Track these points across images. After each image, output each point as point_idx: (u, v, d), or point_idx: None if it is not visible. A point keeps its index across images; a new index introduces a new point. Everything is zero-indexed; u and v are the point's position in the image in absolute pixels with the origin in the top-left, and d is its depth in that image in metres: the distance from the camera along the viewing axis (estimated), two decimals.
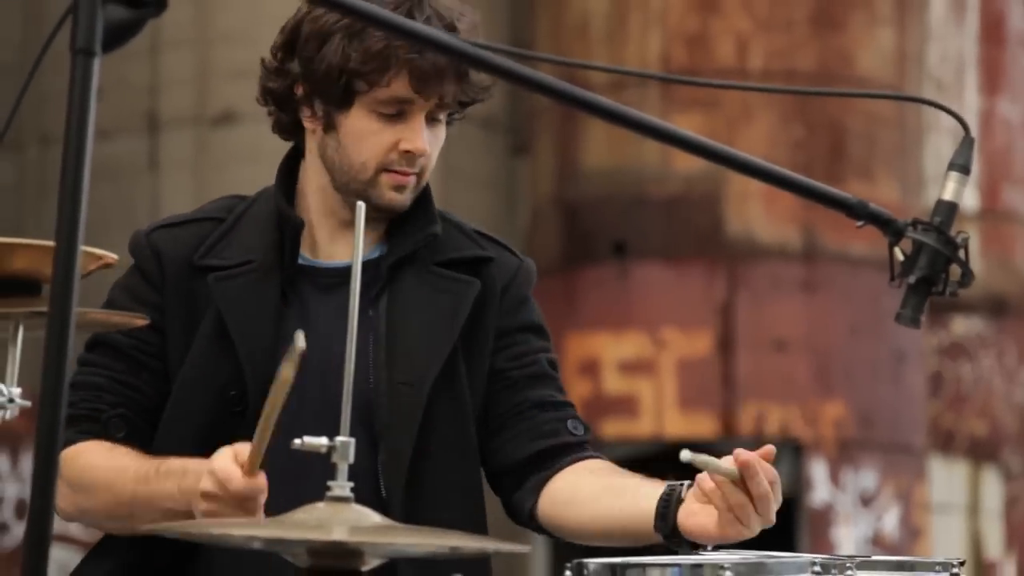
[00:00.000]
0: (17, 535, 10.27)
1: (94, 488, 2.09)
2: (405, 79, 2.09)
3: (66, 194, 1.21)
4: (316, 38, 2.11)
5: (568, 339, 9.13)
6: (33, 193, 10.92)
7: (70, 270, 1.20)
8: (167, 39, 10.31)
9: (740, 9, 9.19)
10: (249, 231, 2.19)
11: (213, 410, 2.11)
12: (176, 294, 2.16)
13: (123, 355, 2.16)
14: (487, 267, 2.25)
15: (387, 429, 2.13)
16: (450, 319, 2.19)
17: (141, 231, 2.22)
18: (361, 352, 2.13)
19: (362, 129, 2.12)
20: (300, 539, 1.46)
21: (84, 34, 1.22)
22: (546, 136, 9.75)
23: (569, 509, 2.20)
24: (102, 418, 2.14)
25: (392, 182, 2.15)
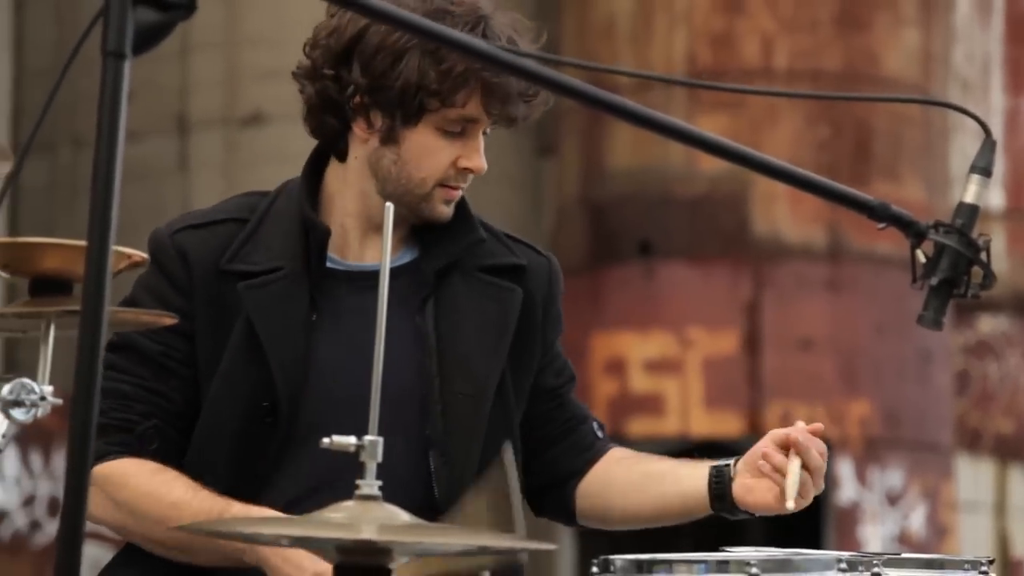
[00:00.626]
0: (50, 533, 10.31)
1: (147, 518, 2.07)
2: (478, 99, 2.12)
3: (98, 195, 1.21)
4: (389, 53, 2.10)
5: (594, 339, 9.12)
6: (65, 194, 10.97)
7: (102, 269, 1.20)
8: (196, 41, 10.34)
9: (765, 9, 9.16)
10: (274, 233, 2.18)
11: (245, 420, 2.11)
12: (205, 299, 2.15)
13: (150, 360, 2.15)
14: (523, 275, 2.27)
15: (443, 438, 2.14)
16: (501, 328, 2.22)
17: (163, 231, 2.20)
18: (411, 359, 2.15)
19: (426, 146, 2.14)
20: (329, 537, 1.46)
21: (114, 37, 1.22)
22: (572, 136, 9.75)
23: (610, 499, 2.29)
24: (136, 430, 2.13)
25: (445, 196, 2.18)
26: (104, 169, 1.22)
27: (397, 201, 2.17)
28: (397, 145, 2.16)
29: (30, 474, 10.30)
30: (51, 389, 1.75)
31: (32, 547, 10.36)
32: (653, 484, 2.25)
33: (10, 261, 1.81)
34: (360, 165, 2.19)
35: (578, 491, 2.31)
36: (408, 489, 2.10)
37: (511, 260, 2.27)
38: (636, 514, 2.28)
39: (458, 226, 2.23)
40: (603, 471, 2.30)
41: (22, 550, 10.36)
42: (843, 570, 1.74)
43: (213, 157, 10.76)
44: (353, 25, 2.14)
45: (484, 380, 2.18)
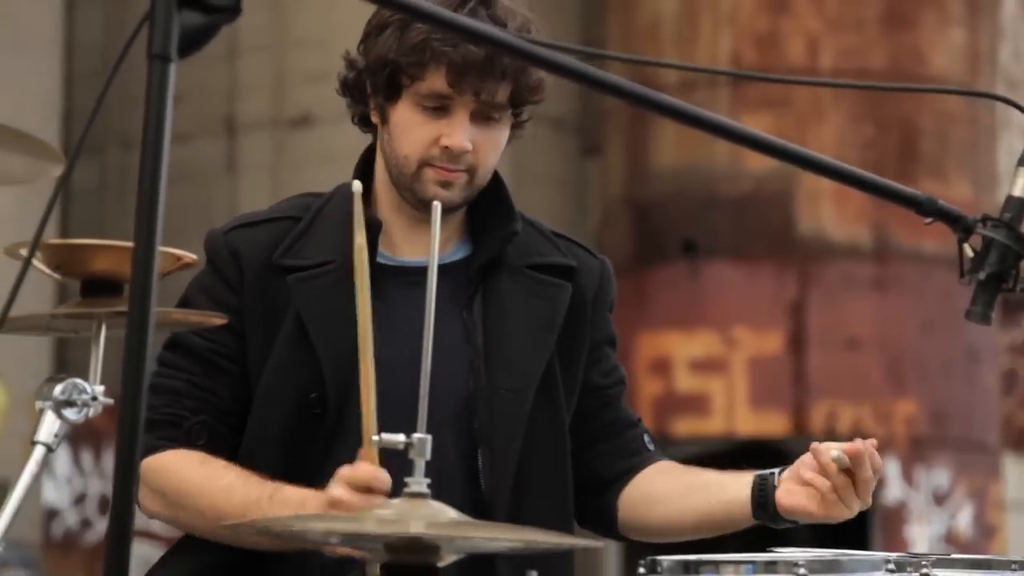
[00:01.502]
0: (101, 531, 10.38)
1: (195, 506, 2.08)
2: (442, 73, 2.09)
3: (144, 196, 1.21)
4: (375, 31, 2.13)
5: (639, 338, 9.10)
6: (114, 195, 11.04)
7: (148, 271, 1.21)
8: (245, 44, 10.39)
9: (811, 9, 9.12)
10: (327, 230, 2.19)
11: (294, 412, 2.11)
12: (255, 296, 2.15)
13: (200, 358, 2.16)
14: (573, 274, 2.26)
15: (489, 433, 2.14)
16: (547, 325, 2.21)
17: (218, 231, 2.21)
18: (458, 355, 2.15)
19: (407, 122, 2.13)
20: (377, 534, 1.46)
21: (160, 40, 1.23)
22: (616, 136, 9.73)
23: (652, 509, 2.26)
24: (184, 425, 2.14)
25: (437, 177, 2.14)
26: (150, 171, 1.22)
27: (396, 184, 2.17)
28: (388, 124, 2.17)
29: (81, 473, 10.37)
30: (102, 389, 1.76)
31: (83, 545, 10.44)
32: (696, 494, 2.22)
33: (62, 262, 1.82)
34: (380, 154, 2.21)
35: (620, 500, 2.28)
36: (456, 484, 2.10)
37: (560, 260, 2.26)
38: (678, 525, 2.25)
39: (497, 221, 2.22)
40: (646, 481, 2.28)
41: (73, 548, 10.44)
42: (891, 571, 1.72)
43: (261, 159, 10.81)
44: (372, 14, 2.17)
45: (528, 375, 2.17)
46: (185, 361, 2.16)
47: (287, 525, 1.78)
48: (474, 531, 1.54)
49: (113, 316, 1.80)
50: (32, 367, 8.96)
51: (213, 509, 2.08)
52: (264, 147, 10.86)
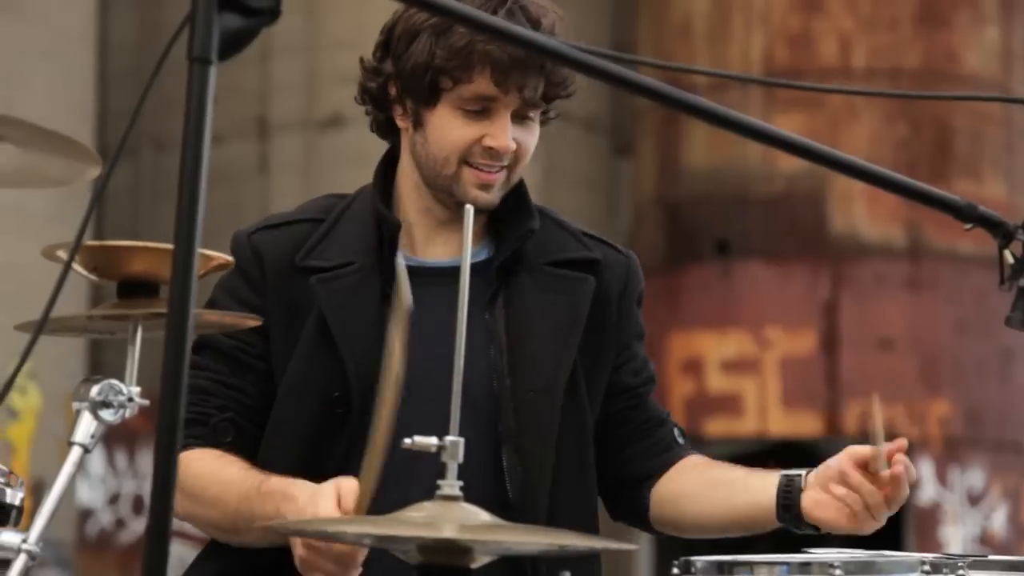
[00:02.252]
0: (134, 530, 10.43)
1: (202, 499, 2.09)
2: (487, 75, 2.09)
3: (184, 199, 1.22)
4: (406, 36, 2.12)
5: (672, 338, 9.09)
6: (148, 196, 11.10)
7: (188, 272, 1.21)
8: (277, 46, 10.42)
9: (843, 8, 9.09)
10: (349, 231, 2.19)
11: (317, 412, 2.11)
12: (278, 296, 2.16)
13: (227, 357, 2.16)
14: (597, 269, 2.25)
15: (515, 435, 2.14)
16: (571, 321, 2.20)
17: (243, 232, 2.22)
18: (481, 356, 2.15)
19: (447, 125, 2.12)
20: (410, 536, 1.47)
21: (200, 42, 1.23)
22: (648, 137, 9.72)
23: (682, 506, 2.26)
24: (211, 422, 2.15)
25: (476, 179, 2.14)
26: (190, 173, 1.23)
27: (435, 187, 2.17)
28: (424, 128, 2.15)
29: (115, 473, 10.43)
30: (138, 390, 1.77)
31: (117, 545, 10.49)
32: (723, 492, 2.20)
33: (98, 264, 1.83)
34: (408, 157, 2.20)
35: (652, 495, 2.27)
36: (481, 486, 2.08)
37: (583, 254, 2.25)
38: (706, 522, 2.24)
39: (516, 220, 2.22)
40: (678, 477, 2.26)
41: (107, 548, 10.49)
42: (927, 572, 1.71)
43: (293, 160, 10.85)
44: (392, 18, 2.17)
45: (555, 375, 2.16)
46: (212, 361, 2.18)
47: (321, 528, 1.78)
48: (507, 534, 1.54)
49: (149, 317, 1.81)
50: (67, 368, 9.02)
51: (216, 503, 2.10)
52: (296, 148, 10.90)
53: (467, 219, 1.59)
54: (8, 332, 1.75)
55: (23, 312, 1.69)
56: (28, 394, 9.59)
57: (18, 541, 1.68)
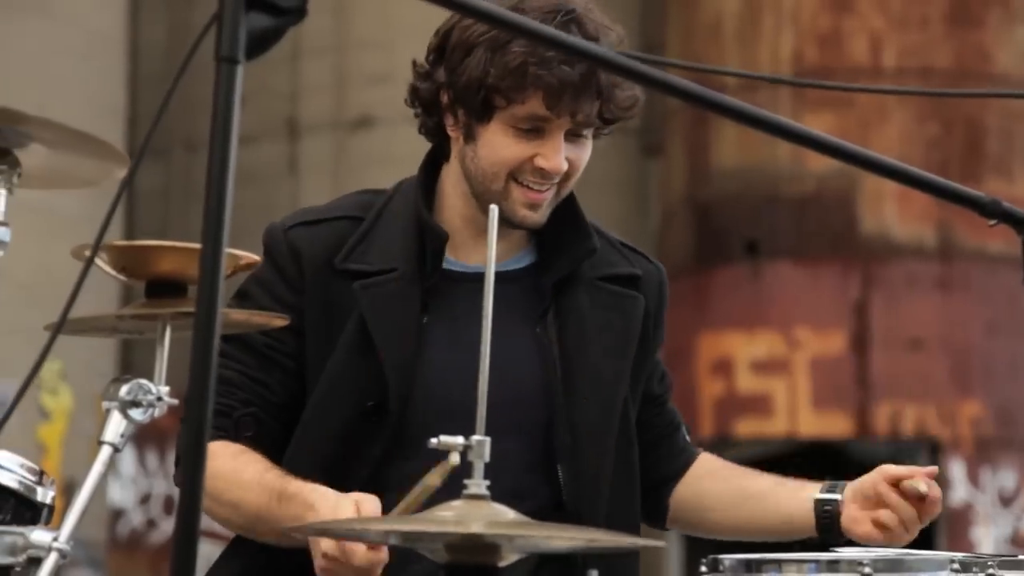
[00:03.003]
0: (165, 530, 10.47)
1: (220, 500, 2.09)
2: (539, 98, 2.08)
3: (211, 199, 1.22)
4: (462, 48, 2.10)
5: (701, 339, 9.07)
6: (179, 197, 11.14)
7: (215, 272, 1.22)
8: (306, 47, 10.45)
9: (874, 7, 9.05)
10: (389, 233, 2.19)
11: (351, 418, 2.11)
12: (316, 296, 2.16)
13: (256, 352, 2.16)
14: (639, 284, 2.27)
15: (570, 448, 2.14)
16: (626, 337, 2.22)
17: (278, 226, 2.21)
18: (534, 370, 2.16)
19: (498, 142, 2.11)
20: (438, 533, 1.47)
21: (228, 42, 1.23)
22: (677, 137, 9.70)
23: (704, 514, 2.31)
24: (234, 415, 2.14)
25: (525, 198, 2.13)
26: (217, 173, 1.23)
27: (481, 200, 2.16)
28: (475, 142, 2.14)
29: (146, 473, 10.47)
30: (167, 390, 1.77)
31: (148, 545, 10.53)
32: (753, 503, 2.25)
33: (127, 264, 1.83)
34: (456, 165, 2.19)
35: (672, 497, 2.32)
36: (536, 497, 2.12)
37: (628, 270, 2.27)
38: (734, 529, 2.29)
39: (573, 235, 2.21)
40: (696, 481, 2.32)
41: (138, 548, 10.54)
42: (956, 571, 1.70)
43: (322, 160, 10.87)
44: (448, 23, 2.15)
45: (613, 390, 2.19)
46: (241, 353, 2.17)
47: (347, 527, 1.79)
48: (535, 531, 1.54)
49: (178, 317, 1.81)
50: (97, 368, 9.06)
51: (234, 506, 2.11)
52: (325, 149, 10.92)
53: (492, 220, 1.59)
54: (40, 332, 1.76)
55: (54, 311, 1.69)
56: (59, 394, 9.63)
57: (49, 539, 1.69)
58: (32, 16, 9.53)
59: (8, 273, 1.70)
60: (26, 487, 1.79)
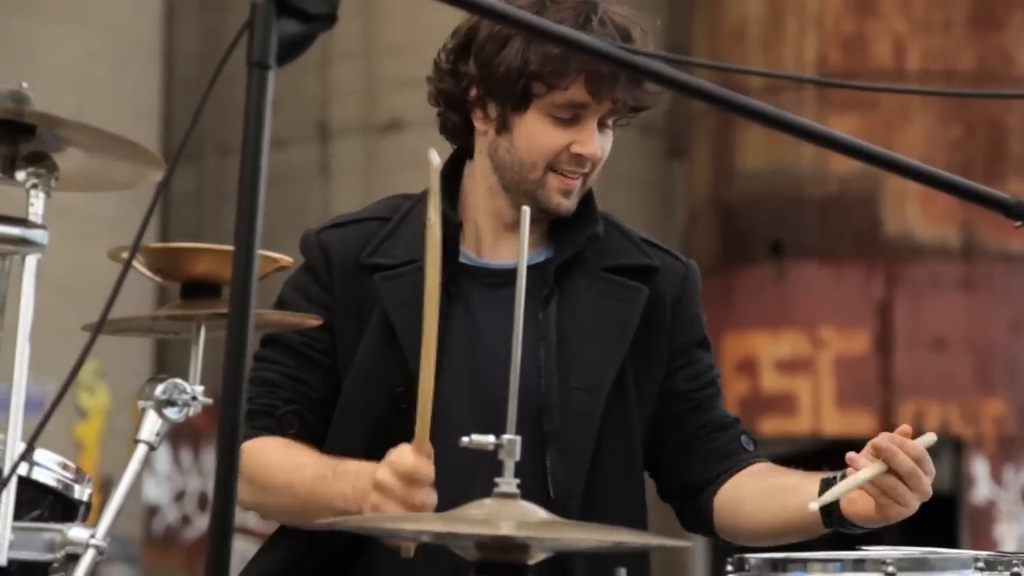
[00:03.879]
0: (200, 527, 10.51)
1: (273, 486, 2.11)
2: (582, 83, 2.09)
3: (244, 201, 1.23)
4: (496, 41, 2.11)
5: (726, 338, 9.05)
6: (212, 200, 11.18)
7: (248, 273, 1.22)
8: (336, 52, 10.48)
9: (897, 10, 9.02)
10: (413, 230, 2.19)
11: (380, 407, 2.12)
12: (344, 293, 2.18)
13: (294, 352, 2.18)
14: (654, 276, 2.25)
15: (559, 433, 2.13)
16: (622, 326, 2.19)
17: (312, 231, 2.24)
18: (531, 355, 2.14)
19: (536, 130, 2.12)
20: (468, 533, 1.47)
21: (259, 48, 1.24)
22: (703, 139, 9.68)
23: (737, 515, 2.23)
24: (276, 414, 2.16)
25: (560, 185, 2.14)
26: (250, 176, 1.24)
27: (516, 191, 2.16)
28: (510, 133, 2.15)
29: (180, 470, 10.51)
30: (202, 389, 1.78)
31: (183, 541, 10.57)
32: (776, 500, 2.16)
33: (163, 266, 1.84)
34: (484, 159, 2.20)
35: (715, 502, 2.24)
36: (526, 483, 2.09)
37: (641, 261, 2.25)
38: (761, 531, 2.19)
39: (580, 224, 2.22)
40: (738, 485, 2.23)
41: (173, 543, 10.58)
42: (981, 569, 1.69)
43: (353, 163, 10.90)
44: (469, 21, 2.15)
45: (601, 377, 2.16)
46: (280, 354, 2.19)
47: (377, 524, 1.79)
48: (564, 531, 1.54)
49: (212, 318, 1.82)
50: (133, 367, 9.09)
51: (288, 487, 2.11)
52: (356, 152, 10.94)
53: (524, 220, 1.59)
54: (76, 332, 1.77)
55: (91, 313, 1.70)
56: (96, 393, 9.68)
57: (86, 536, 1.70)
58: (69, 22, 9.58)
59: (46, 274, 1.70)
60: (64, 485, 1.80)
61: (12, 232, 1.66)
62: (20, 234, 1.66)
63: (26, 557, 1.67)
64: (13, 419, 1.65)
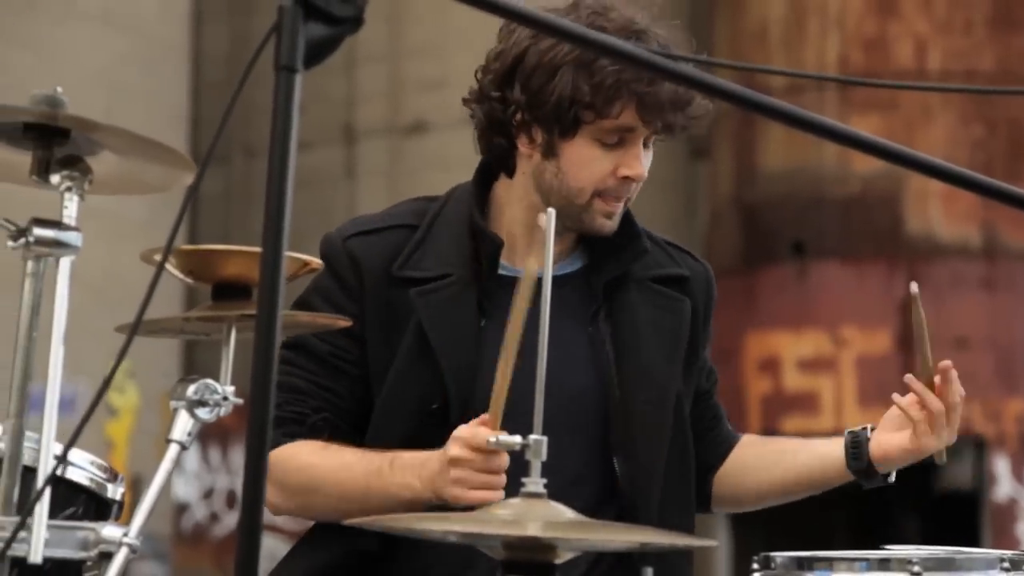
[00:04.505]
0: (228, 524, 10.54)
1: (318, 487, 2.10)
2: (632, 109, 2.12)
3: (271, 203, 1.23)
4: (544, 70, 2.13)
5: (748, 337, 9.04)
6: (240, 202, 11.21)
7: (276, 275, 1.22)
8: (362, 55, 10.49)
9: (919, 12, 8.99)
10: (444, 239, 2.20)
11: (416, 421, 2.12)
12: (376, 304, 2.17)
13: (321, 360, 2.18)
14: (688, 284, 2.30)
15: (627, 445, 2.16)
16: (676, 337, 2.25)
17: (335, 236, 2.22)
18: (587, 369, 2.17)
19: (584, 156, 2.15)
20: (496, 534, 1.47)
21: (287, 52, 1.24)
22: (725, 139, 9.66)
23: (745, 478, 2.33)
24: (307, 422, 2.16)
25: (605, 208, 2.18)
26: (277, 178, 1.24)
27: (560, 212, 2.18)
28: (557, 158, 2.17)
29: (209, 469, 10.54)
30: (233, 389, 1.78)
31: (211, 538, 10.60)
32: (789, 457, 2.29)
33: (194, 268, 1.84)
34: (527, 180, 2.21)
35: (715, 480, 2.35)
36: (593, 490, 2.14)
37: (677, 271, 2.30)
38: (769, 488, 2.32)
39: (625, 238, 2.23)
40: (736, 457, 2.36)
41: (202, 541, 10.61)
42: (1006, 569, 1.68)
43: (378, 165, 10.91)
44: (516, 47, 2.17)
45: (666, 387, 2.21)
46: (308, 362, 2.19)
47: (407, 525, 1.79)
48: (590, 532, 1.54)
49: (242, 319, 1.82)
50: (163, 368, 9.13)
51: (337, 486, 2.10)
52: (381, 153, 10.96)
53: (549, 223, 1.59)
54: (109, 333, 1.77)
55: (123, 314, 1.71)
56: (126, 393, 9.71)
57: (119, 535, 1.70)
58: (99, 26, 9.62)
59: (79, 276, 1.71)
60: (97, 484, 1.81)
61: (47, 234, 1.67)
62: (55, 236, 1.67)
63: (61, 555, 1.67)
64: (47, 419, 1.66)
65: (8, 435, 1.66)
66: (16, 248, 1.68)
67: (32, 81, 2.21)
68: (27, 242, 1.66)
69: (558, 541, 1.47)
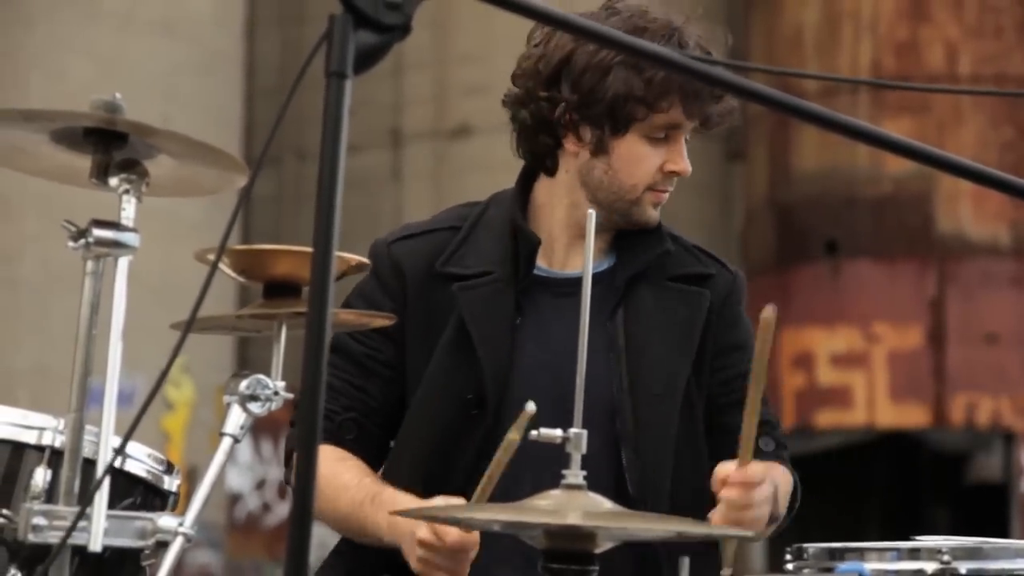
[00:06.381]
0: (280, 514, 10.59)
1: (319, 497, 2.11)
2: (679, 104, 2.15)
3: (322, 205, 1.23)
4: (596, 70, 2.15)
5: (783, 334, 9.00)
6: (291, 203, 11.26)
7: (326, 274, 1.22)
8: (408, 61, 10.51)
9: (950, 17, 8.93)
10: (485, 239, 2.21)
11: (453, 412, 2.14)
12: (418, 305, 2.19)
13: (356, 361, 2.19)
14: (709, 281, 2.28)
15: (633, 435, 2.15)
16: (688, 328, 2.22)
17: (382, 241, 2.24)
18: (602, 362, 2.16)
19: (636, 153, 2.17)
20: (538, 523, 1.47)
21: (337, 58, 1.24)
22: (760, 142, 9.63)
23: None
24: (336, 420, 2.17)
25: (654, 200, 2.21)
26: (328, 180, 1.24)
27: (608, 208, 2.18)
28: (607, 155, 2.19)
29: (261, 460, 10.59)
30: (284, 384, 1.79)
31: (264, 527, 10.65)
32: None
33: (246, 267, 1.85)
34: (571, 178, 2.22)
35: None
36: (600, 481, 2.10)
37: (698, 269, 2.28)
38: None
39: (648, 238, 2.24)
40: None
41: (254, 530, 10.66)
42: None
43: (424, 167, 10.93)
44: (560, 50, 2.18)
45: (674, 380, 2.19)
46: (343, 362, 2.21)
47: (451, 515, 1.80)
48: (629, 521, 1.54)
49: (293, 316, 1.83)
50: (216, 364, 9.18)
51: (331, 502, 2.13)
52: (426, 157, 10.98)
53: (589, 224, 1.59)
54: (164, 330, 1.78)
55: (177, 311, 1.72)
56: (182, 387, 9.78)
57: (175, 525, 1.71)
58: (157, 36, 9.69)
59: (137, 275, 1.72)
60: (154, 476, 1.82)
61: (106, 235, 1.68)
62: (113, 237, 1.68)
63: (119, 544, 1.69)
64: (106, 412, 1.67)
65: (69, 428, 1.67)
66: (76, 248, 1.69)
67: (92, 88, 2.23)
68: (87, 243, 1.68)
69: (598, 529, 1.47)
